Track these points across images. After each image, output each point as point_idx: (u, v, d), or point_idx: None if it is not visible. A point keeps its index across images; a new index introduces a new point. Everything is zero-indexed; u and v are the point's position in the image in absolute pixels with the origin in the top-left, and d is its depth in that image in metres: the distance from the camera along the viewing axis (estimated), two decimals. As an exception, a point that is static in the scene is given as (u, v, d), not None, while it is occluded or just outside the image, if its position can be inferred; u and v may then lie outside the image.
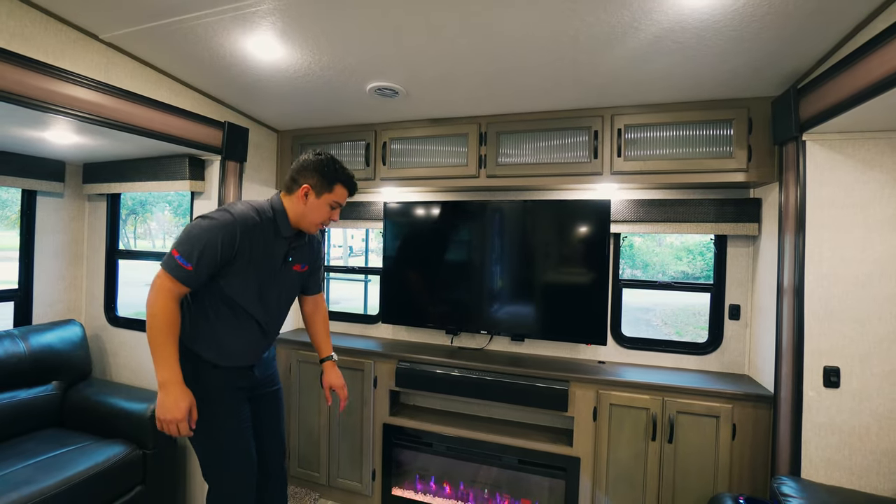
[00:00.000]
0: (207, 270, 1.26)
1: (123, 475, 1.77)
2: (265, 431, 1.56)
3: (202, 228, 1.25)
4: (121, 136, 1.71)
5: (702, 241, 9.77)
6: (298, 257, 1.49)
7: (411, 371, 2.11)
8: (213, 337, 1.36)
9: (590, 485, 1.89)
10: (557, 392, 1.90)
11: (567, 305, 2.09)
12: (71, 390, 2.07)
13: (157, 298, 1.23)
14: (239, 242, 1.27)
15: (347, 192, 1.44)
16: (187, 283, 1.25)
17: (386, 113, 2.14)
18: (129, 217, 11.00)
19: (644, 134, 1.88)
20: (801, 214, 1.54)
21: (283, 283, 1.47)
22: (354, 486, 2.24)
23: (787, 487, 1.42)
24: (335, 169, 1.39)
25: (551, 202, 2.11)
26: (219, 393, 1.37)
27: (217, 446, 1.37)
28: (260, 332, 1.44)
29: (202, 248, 1.23)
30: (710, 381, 1.85)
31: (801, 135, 1.51)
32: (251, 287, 1.36)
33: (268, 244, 1.37)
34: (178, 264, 1.22)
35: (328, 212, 1.42)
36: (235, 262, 1.30)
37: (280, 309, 1.50)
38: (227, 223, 1.26)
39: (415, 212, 2.31)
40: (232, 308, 1.36)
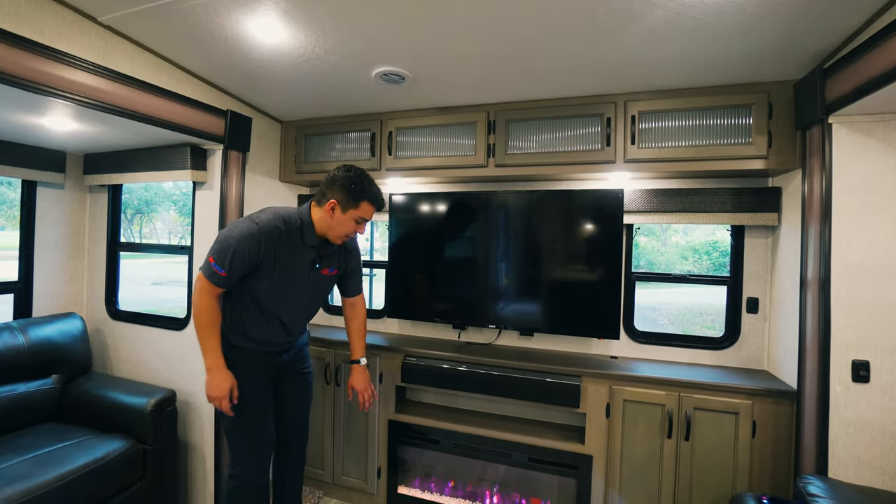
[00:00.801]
0: (238, 274, 1.44)
1: (123, 470, 1.73)
2: (289, 411, 1.70)
3: (233, 238, 1.41)
4: (120, 123, 1.67)
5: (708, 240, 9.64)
6: (327, 263, 1.61)
7: (418, 366, 2.06)
8: (242, 327, 1.54)
9: (602, 483, 1.82)
10: (569, 387, 1.84)
11: (578, 298, 2.02)
12: (71, 384, 2.03)
13: (199, 299, 1.44)
14: (264, 251, 1.42)
15: (374, 209, 1.51)
16: (222, 285, 1.45)
17: (392, 101, 2.09)
18: (135, 217, 11.05)
19: (659, 121, 1.81)
20: (826, 201, 1.47)
21: (312, 287, 1.60)
22: (359, 484, 2.19)
23: (813, 487, 1.35)
24: (363, 186, 1.46)
25: (562, 192, 2.04)
26: (245, 374, 1.53)
27: (240, 421, 1.53)
28: (282, 327, 1.58)
29: (232, 255, 1.40)
30: (727, 377, 1.78)
31: (826, 117, 1.44)
32: (276, 289, 1.50)
33: (294, 252, 1.49)
34: (213, 270, 1.42)
35: (353, 226, 1.50)
36: (261, 267, 1.45)
37: (306, 310, 1.65)
38: (253, 233, 1.42)
39: (421, 203, 2.25)
40: (258, 305, 1.52)
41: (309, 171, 2.36)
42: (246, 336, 1.55)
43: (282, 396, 1.69)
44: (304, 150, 2.38)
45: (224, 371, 1.46)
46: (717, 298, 7.77)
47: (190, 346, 2.06)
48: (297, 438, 1.75)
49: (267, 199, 2.34)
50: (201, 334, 1.46)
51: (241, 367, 1.53)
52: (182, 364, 2.08)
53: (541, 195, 2.07)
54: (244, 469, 1.55)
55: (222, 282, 1.43)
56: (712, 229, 9.49)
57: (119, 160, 2.14)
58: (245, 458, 1.55)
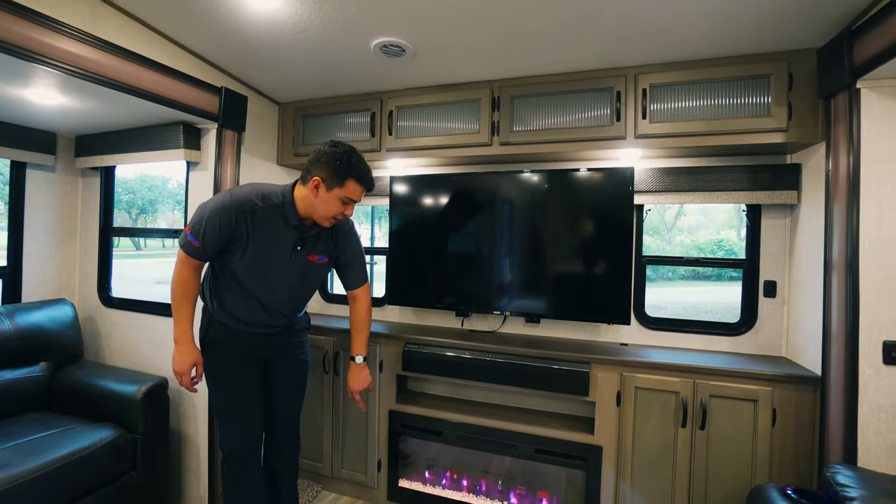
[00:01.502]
0: (212, 247, 1.38)
1: (111, 461, 1.65)
2: (278, 398, 1.62)
3: (207, 209, 1.36)
4: (108, 95, 1.59)
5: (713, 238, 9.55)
6: (313, 248, 1.50)
7: (419, 354, 1.98)
8: (224, 304, 1.49)
9: (613, 475, 1.74)
10: (577, 375, 1.75)
11: (587, 282, 1.94)
12: (60, 372, 1.96)
13: (176, 269, 1.42)
14: (235, 225, 1.35)
15: (362, 189, 1.40)
16: (197, 257, 1.40)
17: (392, 78, 2.01)
18: (140, 216, 11.05)
19: (671, 94, 1.72)
20: (854, 174, 1.38)
21: (296, 272, 1.49)
22: (359, 478, 2.11)
23: (842, 476, 1.26)
24: (349, 163, 1.35)
25: (570, 171, 1.96)
26: (228, 353, 1.50)
27: (221, 400, 1.51)
28: (261, 308, 1.49)
29: (205, 227, 1.35)
30: (745, 363, 1.69)
31: (854, 82, 1.35)
32: (251, 267, 1.42)
33: (272, 230, 1.40)
34: (188, 241, 1.37)
35: (339, 207, 1.39)
36: (234, 241, 1.38)
37: (290, 295, 1.52)
38: (225, 206, 1.34)
39: (423, 186, 2.17)
40: (237, 282, 1.45)
41: (307, 153, 2.28)
42: (229, 314, 1.48)
43: (272, 382, 1.61)
44: (302, 132, 2.31)
45: (189, 345, 1.43)
46: (724, 296, 7.68)
47: (183, 332, 1.99)
48: (286, 427, 1.65)
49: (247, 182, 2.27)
50: (173, 305, 1.43)
51: (224, 345, 1.50)
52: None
53: (548, 175, 1.98)
54: (230, 450, 1.51)
55: (197, 253, 1.38)
56: (718, 228, 9.37)
57: (111, 141, 2.07)
58: (230, 438, 1.51)
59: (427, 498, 2.02)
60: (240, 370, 1.51)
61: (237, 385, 1.51)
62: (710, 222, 9.53)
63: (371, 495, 2.10)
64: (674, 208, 8.51)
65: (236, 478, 1.53)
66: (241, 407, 1.51)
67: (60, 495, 1.48)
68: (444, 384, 2.21)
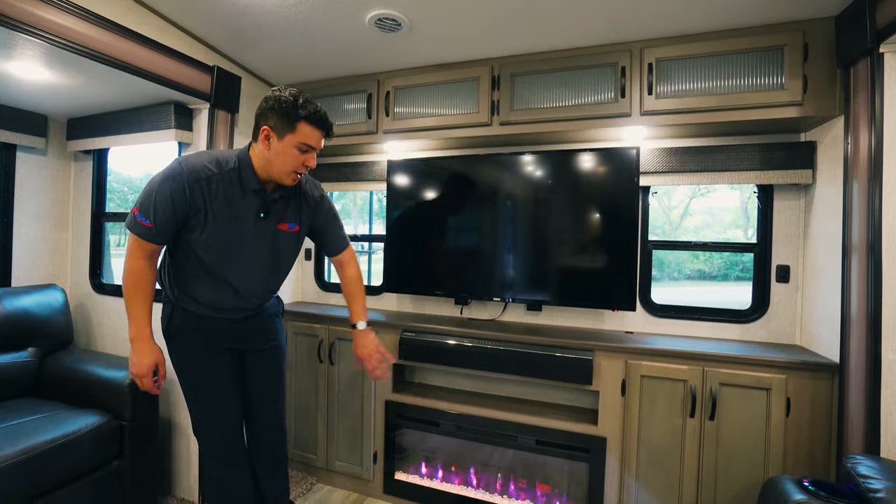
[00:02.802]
0: (168, 226, 1.21)
1: (97, 447, 1.59)
2: (256, 392, 1.49)
3: (155, 182, 1.20)
4: (96, 72, 1.55)
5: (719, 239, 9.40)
6: (280, 214, 1.34)
7: (417, 341, 1.91)
8: (188, 289, 1.33)
9: (617, 468, 1.66)
10: (580, 362, 1.68)
11: (591, 267, 1.86)
12: (49, 358, 1.91)
13: (127, 258, 1.23)
14: (190, 195, 1.19)
15: (319, 132, 1.23)
16: (152, 240, 1.22)
17: (389, 57, 1.95)
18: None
19: (679, 69, 1.65)
20: (876, 146, 1.30)
21: (264, 244, 1.33)
22: (354, 470, 2.04)
23: (864, 468, 1.18)
24: (296, 104, 1.18)
25: (573, 152, 1.88)
26: (197, 342, 1.36)
27: (193, 394, 1.39)
28: (233, 291, 1.34)
29: (155, 202, 1.18)
30: (757, 352, 1.60)
31: (877, 46, 1.26)
32: (217, 245, 1.27)
33: (231, 198, 1.25)
34: (137, 221, 1.20)
35: (298, 156, 1.22)
36: (192, 217, 1.22)
37: (262, 271, 1.37)
38: (175, 175, 1.19)
39: (421, 170, 2.11)
40: (202, 264, 1.29)
41: (302, 137, 2.23)
42: (194, 300, 1.33)
43: (247, 376, 1.47)
44: (297, 116, 2.25)
45: (147, 344, 1.26)
46: (732, 297, 7.58)
47: (174, 318, 1.94)
48: (269, 432, 1.52)
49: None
50: (126, 300, 1.24)
51: (191, 334, 1.36)
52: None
53: (550, 156, 1.91)
54: (209, 447, 1.41)
55: (150, 235, 1.20)
56: (724, 227, 9.22)
57: (102, 123, 2.03)
58: (208, 435, 1.40)
59: (424, 491, 1.95)
60: (211, 360, 1.37)
61: (209, 377, 1.38)
62: (717, 222, 9.38)
63: (366, 488, 2.04)
64: (680, 208, 8.41)
65: (219, 476, 1.42)
66: (215, 400, 1.39)
67: (43, 481, 1.43)
68: (443, 374, 2.14)
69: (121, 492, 1.67)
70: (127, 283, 1.24)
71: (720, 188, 6.65)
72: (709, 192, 6.90)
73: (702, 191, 7.04)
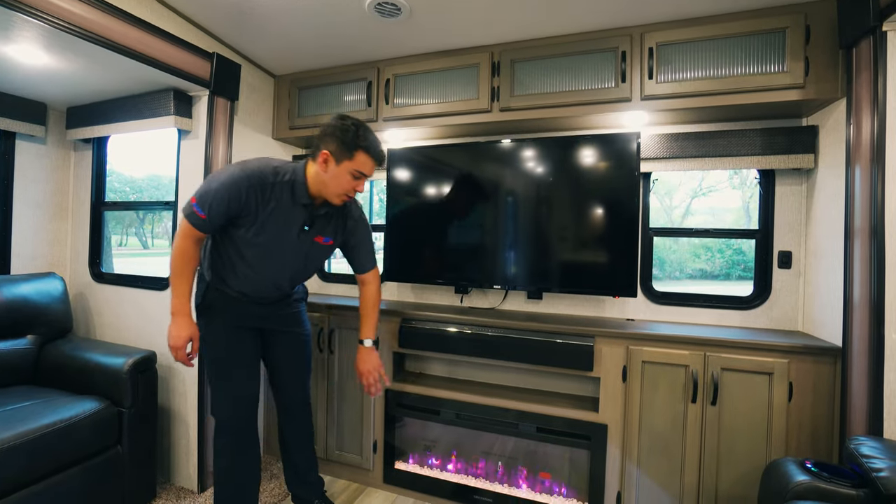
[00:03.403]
0: (219, 220, 1.34)
1: (95, 433, 1.59)
2: (281, 370, 1.64)
3: (217, 181, 1.32)
4: (95, 55, 1.54)
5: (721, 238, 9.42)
6: (321, 229, 1.48)
7: (417, 329, 1.90)
8: (221, 274, 1.46)
9: (619, 454, 1.65)
10: (581, 348, 1.67)
11: (592, 253, 1.85)
12: (48, 346, 1.90)
13: (177, 239, 1.36)
14: (245, 199, 1.32)
15: (372, 162, 1.37)
16: (202, 229, 1.35)
17: (389, 44, 1.94)
18: (147, 216, 11.10)
19: (680, 53, 1.64)
20: (879, 129, 1.29)
21: (300, 251, 1.47)
22: (354, 459, 2.03)
23: (867, 448, 1.17)
24: (357, 134, 1.32)
25: (573, 138, 1.88)
26: (223, 318, 1.47)
27: (215, 367, 1.47)
28: (261, 283, 1.47)
29: (212, 200, 1.30)
30: (759, 337, 1.59)
31: (880, 24, 1.25)
32: (258, 244, 1.39)
33: (281, 207, 1.37)
34: (193, 211, 1.32)
35: (350, 181, 1.36)
36: (242, 216, 1.35)
37: (291, 273, 1.51)
38: (236, 179, 1.31)
39: (421, 158, 2.10)
40: (241, 258, 1.42)
41: (303, 125, 2.23)
42: (226, 284, 1.47)
43: (275, 356, 1.62)
44: (297, 104, 2.25)
45: (187, 320, 1.38)
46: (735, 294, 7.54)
47: (173, 306, 1.93)
48: (295, 401, 1.68)
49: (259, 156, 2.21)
50: (172, 276, 1.38)
51: (221, 311, 1.47)
52: (165, 326, 1.93)
53: (550, 142, 1.90)
54: (223, 418, 1.49)
55: (202, 225, 1.33)
56: (726, 227, 9.26)
57: (101, 111, 2.02)
58: (223, 406, 1.49)
59: (424, 480, 1.94)
60: (236, 337, 1.49)
61: (233, 352, 1.49)
62: (719, 222, 9.38)
63: (366, 478, 2.03)
64: (681, 207, 8.45)
65: (228, 448, 1.50)
66: (236, 374, 1.49)
67: (40, 465, 1.42)
68: (443, 364, 2.13)
69: (119, 478, 1.67)
70: (175, 261, 1.36)
71: (722, 188, 6.64)
72: (710, 192, 6.89)
73: (703, 190, 7.04)
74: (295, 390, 1.67)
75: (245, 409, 1.52)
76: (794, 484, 1.18)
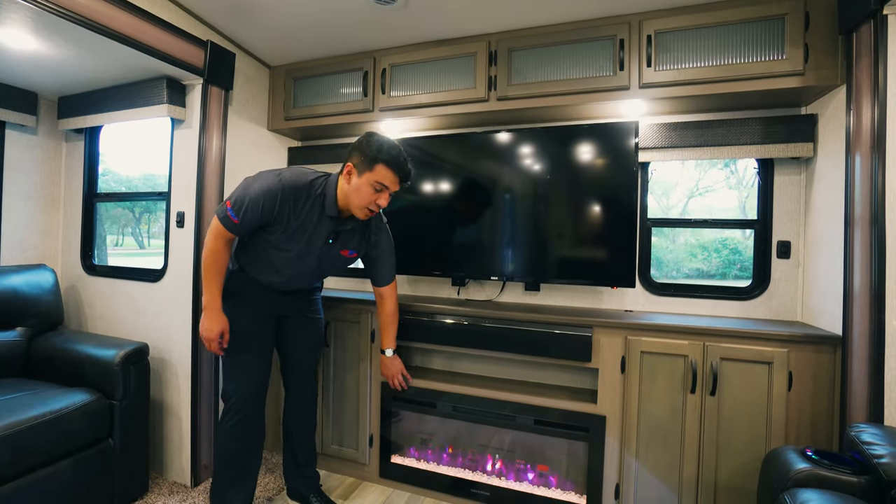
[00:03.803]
0: (250, 227, 1.40)
1: (85, 426, 1.56)
2: (293, 352, 1.69)
3: (253, 189, 1.36)
4: (85, 40, 1.52)
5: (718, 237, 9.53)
6: (345, 241, 1.52)
7: (413, 321, 1.88)
8: (244, 266, 1.54)
9: (617, 446, 1.63)
10: (579, 339, 1.65)
11: (590, 244, 1.84)
12: (38, 338, 1.87)
13: (209, 238, 1.42)
14: (278, 209, 1.37)
15: (393, 175, 1.38)
16: (233, 232, 1.41)
17: (385, 33, 1.92)
18: (143, 215, 11.08)
19: (678, 40, 1.63)
20: (879, 116, 1.28)
21: (324, 260, 1.52)
22: (349, 454, 2.01)
23: (868, 435, 1.15)
24: (379, 147, 1.36)
25: (571, 127, 1.86)
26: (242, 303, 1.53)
27: (231, 349, 1.50)
28: (281, 279, 1.53)
29: (247, 207, 1.35)
30: (758, 326, 1.58)
31: (881, 7, 1.24)
32: (285, 248, 1.45)
33: (311, 218, 1.43)
34: (227, 215, 1.37)
35: (372, 194, 1.38)
36: (273, 224, 1.40)
37: (312, 275, 1.58)
38: (273, 190, 1.35)
39: (417, 149, 2.07)
40: (266, 256, 1.49)
41: (299, 116, 2.20)
42: (248, 275, 1.54)
43: (288, 338, 1.67)
44: (293, 95, 2.23)
45: (218, 313, 1.44)
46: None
47: (166, 298, 1.91)
48: (302, 381, 1.72)
49: (253, 148, 2.19)
50: (204, 274, 1.43)
51: (241, 297, 1.53)
52: (157, 318, 1.93)
53: (548, 132, 1.89)
54: (233, 400, 1.52)
55: (234, 228, 1.39)
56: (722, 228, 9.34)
57: (94, 101, 2.00)
58: (234, 388, 1.52)
59: (421, 474, 1.92)
60: (254, 323, 1.54)
61: (249, 337, 1.53)
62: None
63: (362, 472, 2.01)
64: (678, 208, 8.54)
65: (233, 429, 1.52)
66: (250, 359, 1.54)
67: (28, 457, 1.39)
68: (440, 357, 2.11)
69: (111, 472, 1.64)
70: (207, 260, 1.42)
71: (719, 188, 6.71)
72: (707, 192, 7.00)
73: (700, 190, 7.14)
74: (304, 374, 1.71)
75: (253, 395, 1.55)
76: (795, 471, 1.16)
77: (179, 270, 1.87)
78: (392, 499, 1.88)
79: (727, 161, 3.69)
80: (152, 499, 1.78)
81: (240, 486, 1.55)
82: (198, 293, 1.84)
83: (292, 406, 1.73)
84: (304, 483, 1.75)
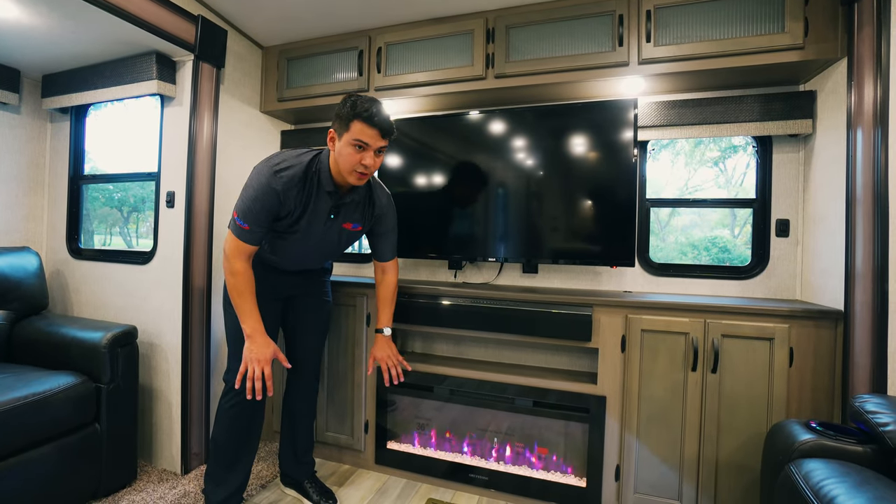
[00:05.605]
0: (262, 226, 1.36)
1: (71, 409, 1.50)
2: (299, 332, 1.65)
3: (253, 189, 1.32)
4: (69, 9, 1.46)
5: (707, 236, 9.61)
6: (347, 215, 1.49)
7: (410, 303, 1.85)
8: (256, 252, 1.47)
9: (617, 427, 1.61)
10: (579, 318, 1.63)
11: (588, 223, 1.82)
12: (22, 322, 1.81)
13: (228, 262, 1.36)
14: (283, 201, 1.34)
15: (371, 129, 1.31)
16: (249, 241, 1.36)
17: (381, 12, 1.89)
18: (132, 214, 10.89)
19: (678, 15, 1.61)
20: (882, 85, 1.27)
21: (329, 238, 1.49)
22: (344, 440, 1.97)
23: (872, 404, 1.14)
24: (354, 104, 1.31)
25: (570, 105, 1.84)
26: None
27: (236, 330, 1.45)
28: (288, 260, 1.52)
29: (251, 208, 1.32)
30: (758, 303, 1.57)
31: (883, -26, 1.24)
32: (291, 231, 1.42)
33: (310, 199, 1.39)
34: (237, 225, 1.34)
35: (355, 154, 1.32)
36: (282, 217, 1.38)
37: (319, 255, 1.56)
38: (271, 188, 1.31)
39: (412, 129, 2.04)
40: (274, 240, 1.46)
41: (292, 97, 2.16)
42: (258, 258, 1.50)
43: (294, 319, 1.64)
44: (286, 76, 2.18)
45: (265, 337, 1.39)
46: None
47: (156, 281, 1.86)
48: (307, 359, 1.67)
49: (245, 129, 2.14)
50: (238, 301, 1.37)
51: None
52: (146, 301, 1.87)
53: (545, 110, 1.86)
54: (231, 381, 1.48)
55: (248, 236, 1.35)
56: (711, 227, 9.39)
57: (80, 78, 1.94)
58: (233, 370, 1.48)
59: (418, 460, 1.88)
60: (260, 303, 1.47)
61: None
62: (704, 222, 9.55)
63: (358, 459, 1.97)
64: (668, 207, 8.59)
65: (232, 409, 1.49)
66: None
67: (10, 440, 1.33)
68: (438, 340, 2.08)
69: (97, 457, 1.59)
70: (234, 287, 1.36)
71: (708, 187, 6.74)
72: (697, 191, 7.02)
73: (690, 189, 7.16)
74: (310, 355, 1.68)
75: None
76: (800, 443, 1.14)
77: (169, 252, 1.82)
78: (388, 485, 1.84)
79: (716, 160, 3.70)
80: (141, 486, 1.72)
81: (236, 468, 1.51)
82: (188, 274, 1.79)
83: (296, 389, 1.69)
84: (299, 469, 1.71)
